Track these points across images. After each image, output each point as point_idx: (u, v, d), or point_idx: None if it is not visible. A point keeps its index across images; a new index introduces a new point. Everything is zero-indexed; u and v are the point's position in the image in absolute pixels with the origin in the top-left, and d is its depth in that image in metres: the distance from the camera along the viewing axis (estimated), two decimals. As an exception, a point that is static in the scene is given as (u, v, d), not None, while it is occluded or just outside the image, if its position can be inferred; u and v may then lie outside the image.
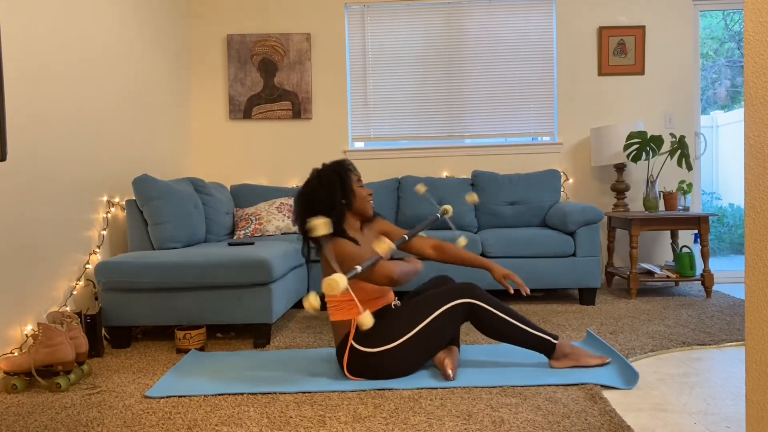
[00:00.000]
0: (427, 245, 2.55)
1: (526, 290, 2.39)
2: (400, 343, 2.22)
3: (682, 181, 4.11)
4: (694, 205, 4.53)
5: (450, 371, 2.23)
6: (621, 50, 4.52)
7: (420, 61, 4.63)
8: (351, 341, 2.24)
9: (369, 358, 2.22)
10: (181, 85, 4.45)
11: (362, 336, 2.23)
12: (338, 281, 1.87)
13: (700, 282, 3.95)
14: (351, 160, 2.49)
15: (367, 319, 1.90)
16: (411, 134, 4.66)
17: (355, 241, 2.30)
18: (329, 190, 2.30)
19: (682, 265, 3.90)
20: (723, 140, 7.08)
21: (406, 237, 2.40)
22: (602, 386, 2.13)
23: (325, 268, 2.28)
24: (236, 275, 2.81)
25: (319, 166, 2.39)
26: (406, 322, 2.24)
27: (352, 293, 2.09)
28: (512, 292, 2.45)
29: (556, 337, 2.31)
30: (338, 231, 2.28)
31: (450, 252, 2.51)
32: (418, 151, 4.61)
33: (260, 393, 2.16)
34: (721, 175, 7.15)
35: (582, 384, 2.15)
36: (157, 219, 3.22)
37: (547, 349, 2.30)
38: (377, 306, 2.33)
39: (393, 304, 2.39)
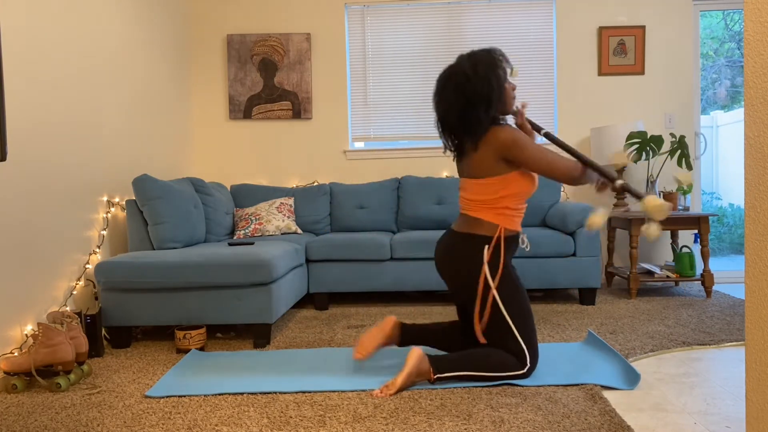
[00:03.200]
0: None
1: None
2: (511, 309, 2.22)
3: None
4: (694, 205, 4.52)
5: (359, 352, 2.30)
6: (621, 50, 4.52)
7: (420, 61, 4.63)
8: (501, 243, 2.21)
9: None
10: (181, 85, 4.45)
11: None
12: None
13: (700, 282, 3.95)
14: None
15: (654, 229, 2.11)
16: (411, 134, 4.66)
17: None
18: (488, 84, 2.18)
19: (682, 265, 3.90)
20: (723, 140, 7.08)
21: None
22: (602, 386, 2.13)
23: (477, 166, 2.23)
24: (236, 275, 2.81)
25: (468, 52, 2.27)
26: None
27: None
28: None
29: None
30: (496, 118, 2.23)
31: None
32: (418, 151, 4.61)
33: (260, 393, 2.16)
34: (721, 175, 7.15)
35: (582, 384, 2.15)
36: (157, 219, 3.22)
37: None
38: (517, 225, 2.29)
39: (522, 237, 2.40)
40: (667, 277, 3.90)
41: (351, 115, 4.66)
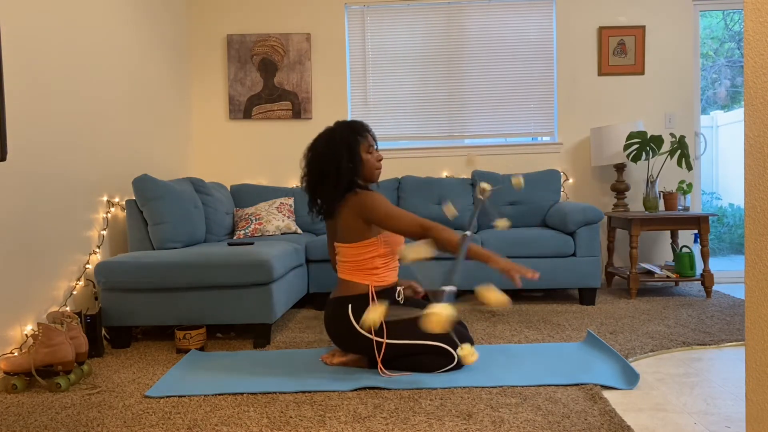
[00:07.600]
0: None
1: (517, 282, 2.14)
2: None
3: (682, 181, 4.11)
4: (694, 205, 4.53)
5: (328, 358, 2.48)
6: (621, 50, 4.52)
7: (420, 61, 4.63)
8: (369, 300, 2.34)
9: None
10: (181, 85, 4.45)
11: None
12: (442, 311, 1.84)
13: (700, 282, 3.95)
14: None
15: (374, 315, 2.05)
16: (411, 134, 4.66)
17: None
18: (335, 154, 2.36)
19: (682, 265, 3.90)
20: (723, 140, 7.08)
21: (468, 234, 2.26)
22: (602, 386, 2.13)
23: (344, 231, 2.38)
24: (236, 275, 2.81)
25: (333, 124, 2.46)
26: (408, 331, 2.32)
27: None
28: (519, 285, 2.16)
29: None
30: (352, 186, 2.37)
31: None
32: (418, 151, 4.61)
33: (260, 393, 2.16)
34: (721, 175, 7.15)
35: (582, 384, 2.15)
36: (157, 219, 3.22)
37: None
38: (389, 280, 2.44)
39: (399, 290, 2.47)
40: (667, 277, 3.90)
41: (351, 115, 4.66)
